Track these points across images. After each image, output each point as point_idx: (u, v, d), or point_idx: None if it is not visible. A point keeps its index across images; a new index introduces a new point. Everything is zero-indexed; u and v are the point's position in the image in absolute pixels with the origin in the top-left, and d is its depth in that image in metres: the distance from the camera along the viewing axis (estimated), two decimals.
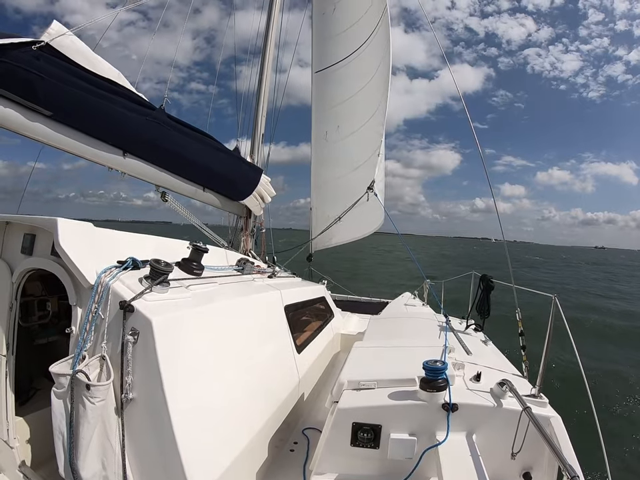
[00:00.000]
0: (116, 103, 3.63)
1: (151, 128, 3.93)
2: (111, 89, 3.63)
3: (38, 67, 3.12)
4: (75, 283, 2.44)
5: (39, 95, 3.17)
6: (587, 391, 2.94)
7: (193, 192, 4.79)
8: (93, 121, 3.56)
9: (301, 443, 3.38)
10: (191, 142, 4.39)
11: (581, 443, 2.53)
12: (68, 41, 3.41)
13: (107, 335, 2.23)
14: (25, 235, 2.88)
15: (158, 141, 4.05)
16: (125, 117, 3.72)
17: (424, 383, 2.48)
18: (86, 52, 3.54)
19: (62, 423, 2.15)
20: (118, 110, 3.65)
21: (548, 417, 2.41)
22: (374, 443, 2.45)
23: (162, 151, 4.14)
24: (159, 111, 4.07)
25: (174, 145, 4.21)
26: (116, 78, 3.72)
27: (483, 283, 4.73)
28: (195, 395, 2.31)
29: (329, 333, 5.40)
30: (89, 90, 3.45)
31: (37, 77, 3.11)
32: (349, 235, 8.39)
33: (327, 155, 8.77)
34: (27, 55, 3.08)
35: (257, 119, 6.79)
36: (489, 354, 3.88)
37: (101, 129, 3.64)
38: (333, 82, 8.69)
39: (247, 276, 3.99)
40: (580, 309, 19.65)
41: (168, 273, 2.55)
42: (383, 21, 7.70)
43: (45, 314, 3.73)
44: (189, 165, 4.50)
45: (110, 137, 3.73)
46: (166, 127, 4.07)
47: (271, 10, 7.04)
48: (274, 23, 6.96)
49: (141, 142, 3.93)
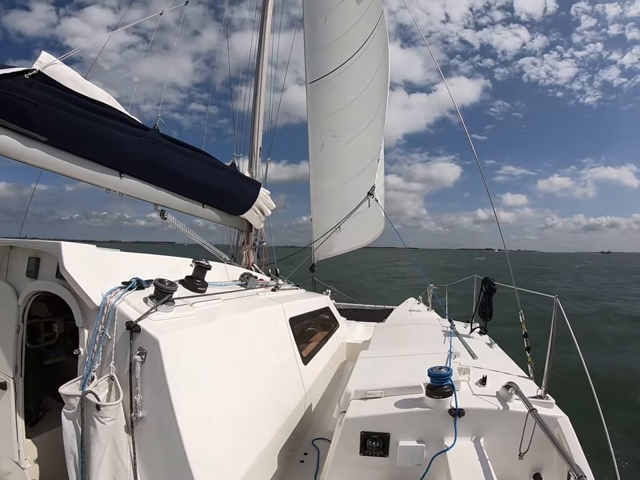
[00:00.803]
0: (109, 125, 3.69)
1: (145, 148, 3.98)
2: (104, 112, 3.69)
3: (31, 94, 3.18)
4: (81, 305, 2.47)
5: (33, 122, 3.22)
6: (592, 391, 2.91)
7: (192, 209, 4.82)
8: (88, 144, 3.61)
9: (311, 454, 3.37)
10: (187, 160, 4.43)
11: (591, 442, 2.51)
12: (58, 68, 3.49)
13: (114, 355, 2.25)
14: (29, 259, 2.92)
15: (154, 160, 4.08)
16: (119, 138, 3.76)
17: (430, 390, 2.47)
18: (76, 78, 3.62)
19: (73, 444, 2.16)
20: (112, 132, 3.70)
21: (555, 418, 2.40)
22: (383, 451, 2.45)
23: (158, 170, 4.18)
24: (153, 130, 4.11)
25: (170, 163, 4.25)
26: (106, 100, 3.78)
27: (485, 286, 4.72)
28: (204, 410, 2.32)
29: (335, 342, 5.38)
30: (82, 114, 3.50)
31: (31, 104, 3.17)
32: (351, 243, 8.37)
33: (324, 165, 8.79)
34: (20, 84, 3.15)
35: (254, 133, 6.84)
36: (494, 357, 3.87)
37: (96, 151, 3.69)
38: (327, 92, 8.73)
39: (250, 290, 4.00)
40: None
41: (172, 292, 2.57)
42: (379, 28, 7.75)
43: (51, 335, 3.74)
44: (187, 183, 4.53)
45: (105, 159, 3.77)
46: (161, 146, 4.11)
47: (262, 27, 7.13)
48: (266, 38, 7.04)
49: (136, 162, 3.97)
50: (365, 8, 8.13)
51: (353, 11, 8.35)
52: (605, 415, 2.77)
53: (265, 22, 7.16)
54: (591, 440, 2.63)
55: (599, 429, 2.78)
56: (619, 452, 2.78)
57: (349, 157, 8.25)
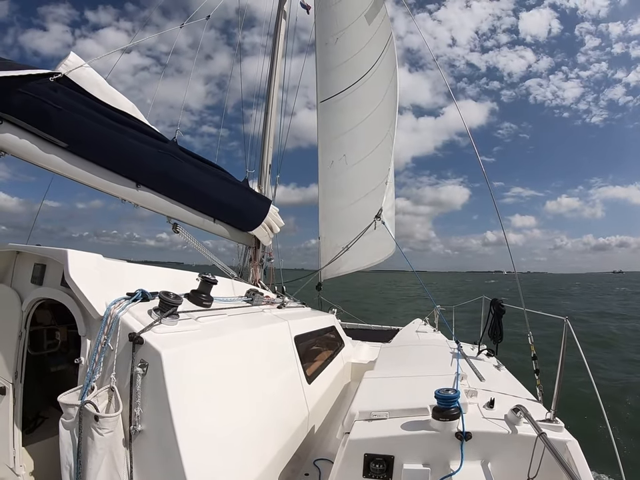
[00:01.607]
0: (130, 136, 3.65)
1: (163, 160, 3.95)
2: (126, 122, 3.66)
3: (55, 98, 3.14)
4: (85, 314, 2.44)
5: (54, 127, 3.19)
6: (603, 414, 2.90)
7: (204, 223, 4.80)
8: (107, 153, 3.58)
9: (312, 475, 3.31)
10: (202, 174, 4.41)
11: (601, 467, 2.42)
12: (85, 72, 3.45)
13: (115, 366, 2.21)
14: (35, 265, 2.90)
15: (170, 173, 4.05)
16: (138, 149, 3.74)
17: (436, 412, 2.42)
18: (102, 84, 3.58)
19: (69, 454, 2.12)
20: (132, 142, 3.67)
21: (564, 442, 2.34)
22: (387, 474, 2.38)
23: (174, 183, 4.15)
24: (172, 143, 4.09)
25: (186, 177, 4.22)
26: (130, 110, 3.75)
27: (493, 307, 4.65)
28: (205, 427, 2.27)
29: (340, 362, 5.32)
30: (104, 122, 3.47)
31: (54, 109, 3.14)
32: (358, 263, 8.34)
33: (333, 184, 8.82)
34: (44, 87, 3.12)
35: (264, 150, 6.85)
36: (502, 379, 3.81)
37: (115, 160, 3.65)
38: (337, 111, 8.81)
39: (256, 307, 3.96)
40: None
41: (177, 305, 2.54)
42: (388, 50, 7.86)
43: (53, 343, 3.71)
44: (201, 197, 4.50)
45: (123, 169, 3.74)
46: (178, 159, 4.08)
47: (274, 51, 7.24)
48: (278, 61, 7.13)
49: (153, 174, 3.94)
50: (375, 29, 8.26)
51: (364, 32, 8.49)
52: (614, 434, 2.72)
53: (276, 46, 7.29)
54: (601, 463, 2.57)
55: (609, 452, 2.73)
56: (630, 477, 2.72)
57: (358, 177, 8.29)
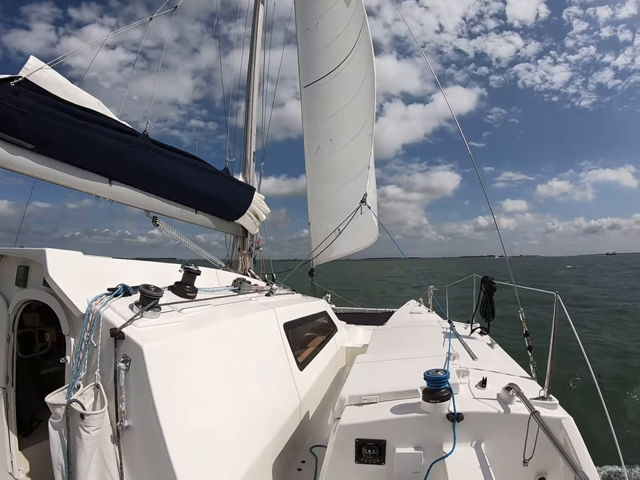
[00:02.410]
0: (97, 132, 3.65)
1: (134, 154, 3.94)
2: (92, 118, 3.66)
3: (17, 102, 3.16)
4: (67, 313, 2.42)
5: (20, 130, 3.20)
6: (597, 390, 2.86)
7: (184, 215, 4.79)
8: (76, 151, 3.58)
9: (309, 462, 3.28)
10: (177, 165, 4.39)
11: (599, 442, 2.41)
12: (46, 74, 3.47)
13: (100, 363, 2.19)
14: (18, 267, 2.88)
15: (143, 166, 4.05)
16: (107, 145, 3.73)
17: (426, 394, 2.38)
18: (64, 84, 3.59)
19: (60, 454, 2.13)
20: (100, 138, 3.67)
21: (559, 419, 2.31)
22: (379, 458, 2.36)
23: (148, 176, 4.14)
24: (143, 136, 4.08)
25: (160, 169, 4.21)
26: (96, 107, 3.75)
27: (484, 285, 4.63)
28: (191, 419, 2.25)
29: (333, 347, 5.28)
30: (70, 120, 3.47)
31: (17, 112, 3.15)
32: (348, 248, 8.31)
33: (320, 169, 8.79)
34: (6, 91, 3.13)
35: (247, 137, 6.80)
36: (495, 358, 3.77)
37: (84, 157, 3.66)
38: (321, 96, 8.74)
39: (243, 296, 3.94)
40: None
41: (158, 298, 2.51)
42: (363, 33, 7.79)
43: (44, 345, 3.70)
44: (178, 188, 4.50)
45: (94, 166, 3.74)
46: (150, 151, 4.07)
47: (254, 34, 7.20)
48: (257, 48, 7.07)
49: (125, 168, 3.94)
50: (352, 11, 8.17)
51: (343, 15, 8.39)
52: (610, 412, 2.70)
53: (255, 34, 7.24)
54: (597, 439, 2.55)
55: (605, 427, 2.69)
56: (625, 449, 2.70)
57: (344, 162, 8.26)
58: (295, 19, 9.11)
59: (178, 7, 5.23)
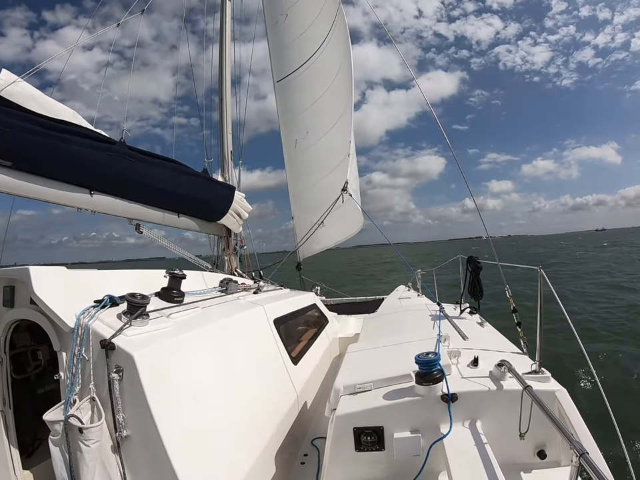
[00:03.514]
0: (74, 143, 3.60)
1: (113, 162, 3.90)
2: (68, 130, 3.61)
3: None
4: (57, 329, 2.40)
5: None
6: (588, 363, 2.92)
7: (167, 219, 4.77)
8: (55, 165, 3.53)
9: (312, 455, 3.30)
10: (156, 170, 4.37)
11: (595, 413, 2.44)
12: (18, 87, 3.40)
13: (93, 375, 2.19)
14: (4, 288, 2.83)
15: (123, 175, 4.02)
16: (85, 156, 3.69)
17: (419, 377, 2.42)
18: (37, 96, 3.53)
19: (63, 470, 2.12)
20: (77, 149, 3.63)
21: (552, 392, 2.37)
22: (378, 445, 2.39)
23: (128, 184, 4.11)
24: (120, 144, 4.04)
25: (139, 175, 4.18)
26: (71, 118, 3.71)
27: (470, 265, 4.71)
28: (189, 422, 2.26)
29: (325, 339, 5.33)
30: (45, 134, 3.42)
31: None
32: (333, 238, 8.35)
33: (300, 162, 8.77)
34: None
35: (223, 137, 6.78)
36: (485, 336, 3.81)
37: (63, 171, 3.61)
38: (295, 89, 8.70)
39: (231, 295, 3.95)
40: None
41: (145, 305, 2.51)
42: (339, 20, 7.74)
43: (38, 364, 3.65)
44: (158, 193, 4.47)
45: (73, 178, 3.70)
46: (129, 159, 4.04)
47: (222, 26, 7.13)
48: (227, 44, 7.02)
49: (105, 178, 3.91)
50: (323, 1, 8.11)
51: (312, 5, 8.33)
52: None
53: (224, 28, 7.15)
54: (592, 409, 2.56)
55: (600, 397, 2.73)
56: (620, 416, 2.76)
57: (323, 153, 8.25)
58: (264, 12, 9.00)
59: (145, 11, 5.17)
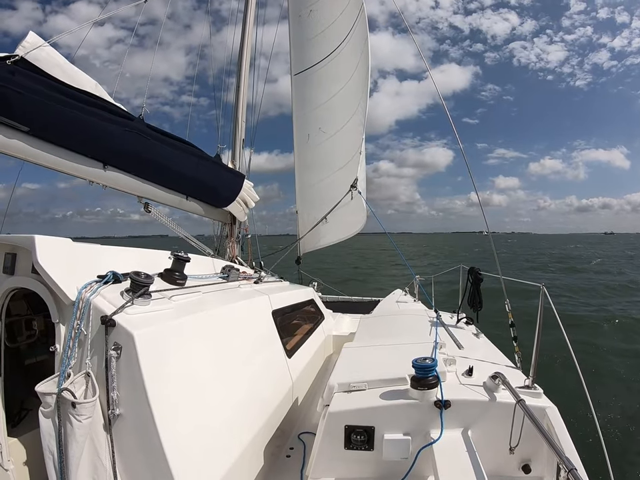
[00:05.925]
0: (94, 115, 3.58)
1: (130, 139, 3.88)
2: (89, 101, 3.59)
3: (13, 82, 3.05)
4: (57, 300, 2.39)
5: (15, 111, 3.10)
6: (581, 381, 2.93)
7: (176, 201, 4.76)
8: (71, 135, 3.51)
9: (297, 449, 3.33)
10: (171, 151, 4.35)
11: (581, 431, 2.48)
12: (44, 53, 3.36)
13: (90, 351, 2.19)
14: (5, 255, 2.81)
15: (138, 152, 4.00)
16: (103, 129, 3.66)
17: (414, 381, 2.45)
18: (62, 64, 3.49)
19: (51, 443, 2.11)
20: (96, 122, 3.60)
21: (543, 408, 2.41)
22: (368, 445, 2.43)
23: (142, 162, 4.09)
24: (138, 120, 4.02)
25: (154, 154, 4.16)
26: (93, 89, 3.67)
27: (471, 276, 4.70)
28: (183, 407, 2.28)
29: (320, 335, 5.36)
30: (67, 103, 3.39)
31: (13, 93, 3.04)
32: (336, 236, 8.39)
33: (310, 158, 8.76)
34: (2, 70, 3.02)
35: (237, 124, 6.77)
36: (481, 347, 3.86)
37: (80, 142, 3.59)
38: (312, 84, 8.68)
39: (232, 283, 3.94)
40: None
41: (148, 285, 2.50)
42: (360, 20, 7.72)
43: (32, 333, 3.63)
44: (171, 174, 4.46)
45: (89, 150, 3.67)
46: (145, 136, 4.01)
47: (246, 15, 7.08)
48: (249, 28, 6.98)
49: (120, 153, 3.88)
50: (347, 1, 8.08)
51: (337, 3, 8.29)
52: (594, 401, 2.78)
53: (248, 10, 7.09)
54: (580, 427, 2.60)
55: (588, 415, 2.76)
56: (608, 438, 2.80)
57: (334, 150, 8.24)
58: (288, 5, 8.96)
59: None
